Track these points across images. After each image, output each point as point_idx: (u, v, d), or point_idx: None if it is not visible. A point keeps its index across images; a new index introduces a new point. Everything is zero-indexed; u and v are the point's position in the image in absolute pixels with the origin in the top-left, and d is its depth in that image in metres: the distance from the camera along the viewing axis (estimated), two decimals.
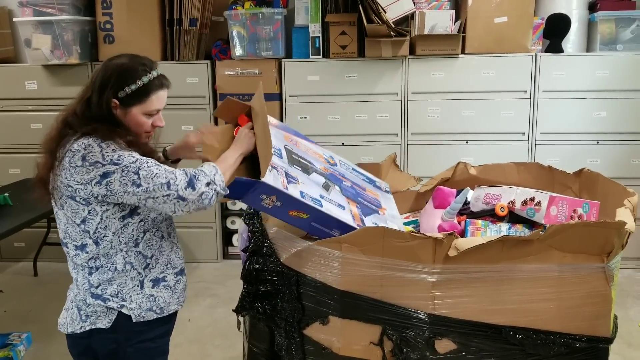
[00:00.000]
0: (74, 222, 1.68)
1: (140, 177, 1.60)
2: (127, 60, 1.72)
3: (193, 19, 4.10)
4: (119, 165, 1.60)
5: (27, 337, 3.22)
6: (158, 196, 1.61)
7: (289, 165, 1.83)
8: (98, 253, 1.69)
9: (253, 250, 1.83)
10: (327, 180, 1.93)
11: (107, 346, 1.75)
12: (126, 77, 1.68)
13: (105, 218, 1.66)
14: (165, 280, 1.80)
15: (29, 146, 4.37)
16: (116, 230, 1.68)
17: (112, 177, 1.60)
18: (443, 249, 1.60)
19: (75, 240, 1.70)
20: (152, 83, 1.71)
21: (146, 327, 1.77)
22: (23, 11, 4.16)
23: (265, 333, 1.85)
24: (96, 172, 1.60)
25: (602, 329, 1.68)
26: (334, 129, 4.19)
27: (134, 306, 1.72)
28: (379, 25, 3.71)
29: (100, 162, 1.60)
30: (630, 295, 3.78)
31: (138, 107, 1.71)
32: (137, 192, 1.61)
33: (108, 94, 1.67)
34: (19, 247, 4.57)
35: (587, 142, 4.06)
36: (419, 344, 1.65)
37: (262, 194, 1.67)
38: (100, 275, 1.71)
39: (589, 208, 1.92)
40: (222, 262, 4.55)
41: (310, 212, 1.73)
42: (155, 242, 1.77)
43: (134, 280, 1.73)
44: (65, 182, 1.64)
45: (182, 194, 1.61)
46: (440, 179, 2.46)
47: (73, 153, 1.63)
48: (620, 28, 3.99)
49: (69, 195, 1.66)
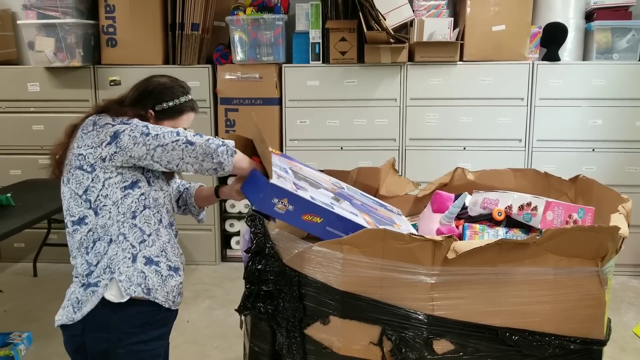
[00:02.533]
0: (77, 194, 1.74)
1: (149, 127, 1.70)
2: (169, 80, 1.90)
3: (195, 24, 4.15)
4: (128, 124, 1.71)
5: (28, 336, 3.24)
6: (167, 142, 1.67)
7: (295, 179, 1.86)
8: (96, 224, 1.73)
9: (256, 251, 1.86)
10: (336, 195, 1.95)
11: (99, 346, 1.75)
12: (165, 94, 1.86)
13: (108, 186, 1.72)
14: (158, 266, 1.79)
15: (31, 148, 4.41)
16: (116, 200, 1.73)
17: (122, 134, 1.68)
18: (442, 251, 1.63)
19: (74, 215, 1.75)
20: (186, 104, 1.89)
21: (139, 329, 1.76)
22: (27, 14, 4.19)
23: (266, 333, 1.88)
24: (106, 132, 1.70)
25: (596, 331, 1.71)
26: (333, 134, 4.23)
27: (123, 278, 1.72)
28: (379, 32, 3.75)
29: (110, 124, 1.71)
30: (625, 301, 3.82)
31: (169, 122, 1.86)
32: (146, 140, 1.67)
33: (146, 104, 1.84)
34: (19, 247, 4.58)
35: (583, 150, 4.11)
36: (417, 344, 1.68)
37: (274, 197, 1.69)
38: (97, 250, 1.73)
39: (584, 213, 1.96)
40: (221, 265, 4.58)
41: (324, 214, 1.74)
42: (153, 223, 1.80)
43: (126, 252, 1.74)
44: (76, 152, 1.73)
45: (190, 139, 1.68)
46: (439, 184, 2.49)
47: (86, 123, 1.76)
48: (617, 37, 4.04)
49: (76, 166, 1.73)
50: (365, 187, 2.49)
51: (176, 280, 1.85)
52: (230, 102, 4.27)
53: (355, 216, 1.83)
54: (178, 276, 1.86)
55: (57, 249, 4.41)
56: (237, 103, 4.26)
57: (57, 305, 1.82)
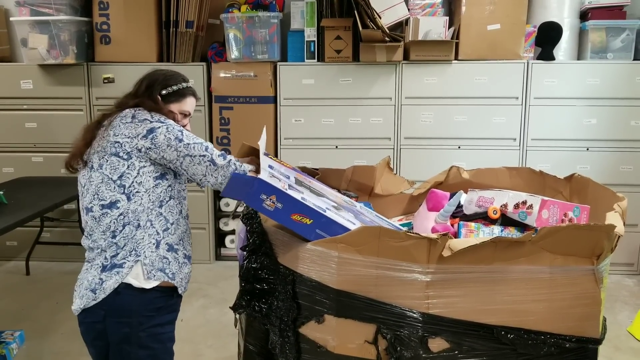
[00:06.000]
0: (111, 179, 1.84)
1: (184, 134, 1.86)
2: (169, 71, 2.08)
3: (189, 21, 4.13)
4: (164, 123, 1.87)
5: (20, 335, 3.22)
6: (196, 154, 1.85)
7: (296, 185, 1.85)
8: (128, 209, 1.84)
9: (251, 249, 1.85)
10: (339, 206, 1.92)
11: (120, 330, 1.84)
12: (170, 80, 2.02)
13: (142, 174, 1.85)
14: (177, 253, 1.95)
15: (24, 145, 4.39)
16: (148, 188, 1.86)
17: (158, 131, 1.84)
18: (437, 249, 1.62)
19: (105, 199, 1.84)
20: (188, 89, 2.06)
21: (156, 313, 1.88)
22: (20, 11, 4.16)
23: (261, 331, 1.87)
24: (144, 127, 1.84)
25: (592, 330, 1.71)
26: (328, 133, 4.22)
27: (147, 262, 1.85)
28: (374, 31, 3.74)
29: (148, 120, 1.86)
30: (619, 300, 3.83)
31: (176, 104, 2.01)
32: (179, 146, 1.84)
33: (155, 91, 1.98)
34: (12, 245, 4.56)
35: (577, 149, 4.12)
36: (412, 342, 1.67)
37: (262, 193, 1.68)
38: (125, 234, 1.84)
39: (579, 212, 1.96)
40: (215, 263, 4.56)
41: (314, 216, 1.71)
42: (176, 213, 1.95)
43: (151, 238, 1.87)
44: (113, 140, 1.85)
45: (215, 159, 1.87)
46: (434, 182, 2.49)
47: (124, 114, 1.89)
48: (611, 37, 4.05)
49: (112, 153, 1.84)
50: (360, 186, 2.49)
51: (189, 267, 2.02)
52: (225, 100, 4.25)
53: (352, 224, 1.78)
54: (190, 264, 2.04)
55: (50, 247, 4.39)
56: (232, 101, 4.24)
57: (50, 303, 1.83)
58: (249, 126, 4.24)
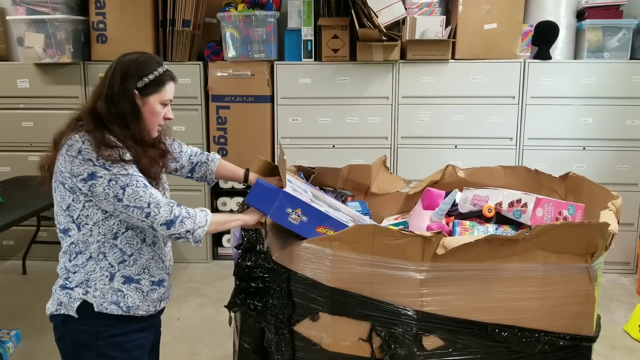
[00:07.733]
0: (61, 207, 1.73)
1: (125, 194, 1.66)
2: (140, 56, 1.81)
3: (186, 20, 4.13)
4: (109, 171, 1.65)
5: (16, 334, 3.22)
6: (134, 217, 1.68)
7: (313, 198, 1.87)
8: (78, 239, 1.73)
9: (246, 247, 1.85)
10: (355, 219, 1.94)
11: (77, 337, 1.77)
12: (144, 69, 1.77)
13: (88, 207, 1.70)
14: (139, 283, 1.80)
15: (20, 144, 4.38)
16: (97, 221, 1.71)
17: (99, 180, 1.65)
18: (431, 247, 1.63)
19: (60, 224, 1.76)
20: (166, 74, 1.81)
21: (115, 322, 1.77)
22: (16, 9, 4.16)
23: (256, 329, 1.87)
24: (85, 169, 1.65)
25: (586, 327, 1.71)
26: (324, 132, 4.22)
27: (97, 294, 1.74)
28: (371, 30, 3.75)
29: (92, 161, 1.65)
30: (614, 299, 3.83)
31: (155, 96, 1.78)
32: (116, 205, 1.66)
33: (130, 85, 1.74)
34: (8, 245, 4.55)
35: (573, 148, 4.12)
36: (406, 340, 1.68)
37: (287, 207, 1.70)
38: (77, 262, 1.75)
39: (574, 210, 1.96)
40: (212, 263, 4.56)
41: (339, 228, 1.74)
42: (136, 243, 1.78)
43: (103, 270, 1.74)
44: (60, 168, 1.70)
45: (155, 227, 1.69)
46: (430, 181, 2.49)
47: (73, 142, 1.69)
48: (607, 36, 4.06)
49: (60, 181, 1.71)
50: (356, 185, 2.49)
51: (159, 292, 1.85)
52: (222, 100, 4.25)
53: None
54: (162, 287, 1.86)
55: (47, 247, 4.38)
56: (229, 100, 4.24)
57: (46, 302, 1.83)
58: (245, 125, 4.24)
